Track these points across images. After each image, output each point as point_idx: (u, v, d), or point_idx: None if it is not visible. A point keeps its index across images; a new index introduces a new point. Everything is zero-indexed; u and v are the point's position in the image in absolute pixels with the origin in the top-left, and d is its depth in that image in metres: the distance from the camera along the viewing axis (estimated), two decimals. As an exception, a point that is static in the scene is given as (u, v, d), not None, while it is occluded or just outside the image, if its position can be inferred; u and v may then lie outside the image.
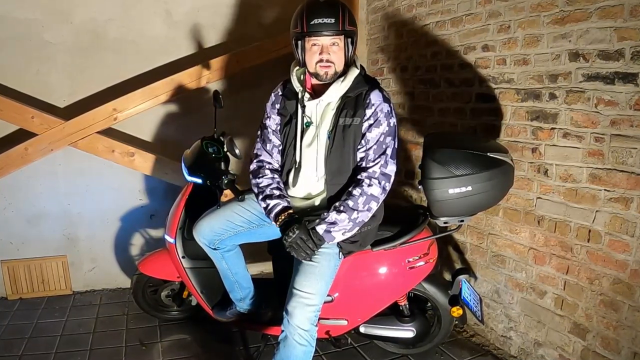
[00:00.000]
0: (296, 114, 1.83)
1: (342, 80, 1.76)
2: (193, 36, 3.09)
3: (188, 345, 2.45)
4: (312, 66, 1.74)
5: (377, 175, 1.75)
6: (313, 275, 1.74)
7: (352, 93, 1.77)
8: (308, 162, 1.83)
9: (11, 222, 2.93)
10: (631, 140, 1.68)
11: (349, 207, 1.72)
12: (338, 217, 1.72)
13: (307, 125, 1.83)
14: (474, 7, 2.34)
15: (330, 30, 1.68)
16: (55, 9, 2.80)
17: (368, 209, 1.75)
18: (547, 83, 1.98)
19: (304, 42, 1.72)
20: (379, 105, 1.76)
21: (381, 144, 1.76)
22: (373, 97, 1.77)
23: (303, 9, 1.71)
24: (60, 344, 2.44)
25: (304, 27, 1.68)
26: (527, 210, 2.14)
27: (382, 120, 1.76)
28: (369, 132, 1.76)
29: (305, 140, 1.84)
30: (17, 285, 2.97)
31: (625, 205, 1.72)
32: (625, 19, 1.65)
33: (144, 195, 3.18)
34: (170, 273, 2.41)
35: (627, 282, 1.72)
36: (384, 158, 1.76)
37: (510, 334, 2.30)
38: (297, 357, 1.69)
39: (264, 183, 1.87)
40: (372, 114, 1.75)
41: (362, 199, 1.73)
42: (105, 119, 2.84)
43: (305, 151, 1.83)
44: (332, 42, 1.71)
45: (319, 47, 1.71)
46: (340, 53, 1.73)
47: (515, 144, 2.16)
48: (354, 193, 1.74)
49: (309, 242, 1.70)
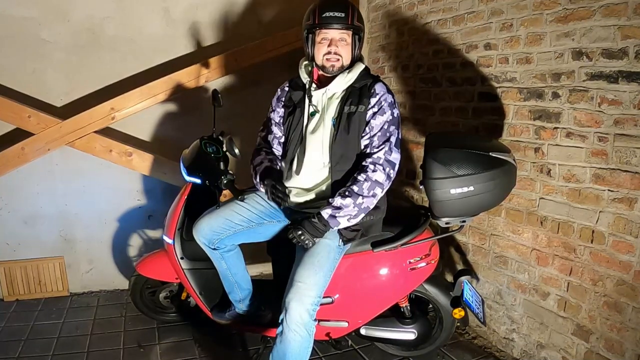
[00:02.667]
0: (301, 103, 1.92)
1: (348, 73, 1.85)
2: (191, 34, 3.09)
3: (187, 347, 2.45)
4: (319, 59, 1.84)
5: (382, 161, 1.79)
6: (312, 266, 1.76)
7: (357, 84, 1.86)
8: (313, 148, 1.89)
9: (7, 222, 2.93)
10: (635, 139, 1.68)
11: (354, 192, 1.75)
12: (343, 201, 1.75)
13: (312, 114, 1.90)
14: (476, 5, 2.35)
15: (340, 23, 1.79)
16: (52, 7, 2.80)
17: (373, 195, 1.78)
18: (550, 82, 1.99)
19: (315, 35, 1.83)
20: (383, 95, 1.84)
21: (385, 131, 1.81)
22: (377, 88, 1.85)
23: (316, 4, 1.83)
24: (57, 346, 2.44)
25: (315, 19, 1.80)
26: (529, 210, 2.15)
27: (386, 109, 1.83)
28: (373, 120, 1.82)
29: (310, 127, 1.90)
30: (13, 286, 2.97)
31: (629, 205, 1.72)
32: (629, 17, 1.65)
33: (142, 196, 3.18)
34: (169, 274, 2.40)
35: (631, 284, 1.73)
36: (388, 145, 1.81)
37: (513, 336, 2.30)
38: (294, 351, 1.68)
39: (258, 161, 1.98)
40: (377, 102, 1.83)
41: (367, 184, 1.76)
42: (103, 118, 2.84)
43: (310, 138, 1.90)
44: (340, 37, 1.82)
45: (328, 41, 1.81)
46: (347, 48, 1.83)
47: (517, 144, 2.17)
48: (359, 178, 1.77)
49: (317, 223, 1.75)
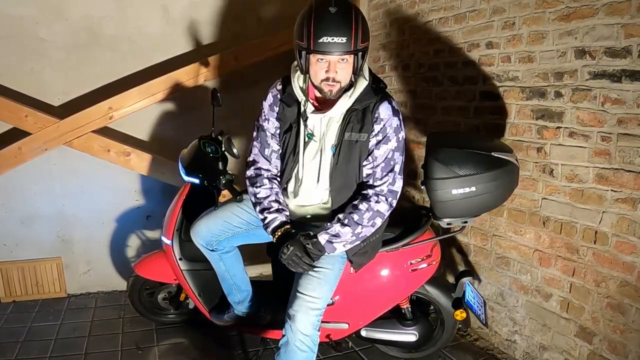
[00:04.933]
0: (296, 122, 1.75)
1: (350, 95, 1.67)
2: (190, 33, 3.09)
3: (185, 349, 2.45)
4: (316, 80, 1.63)
5: (385, 192, 1.72)
6: (318, 280, 1.73)
7: (359, 105, 1.69)
8: (312, 175, 1.78)
9: (4, 223, 2.93)
10: (639, 139, 1.68)
11: (354, 221, 1.69)
12: (342, 230, 1.69)
13: (309, 137, 1.75)
14: (478, 4, 2.34)
15: (340, 50, 1.54)
16: (50, 6, 2.79)
17: (372, 225, 1.73)
18: (553, 81, 1.98)
19: (309, 55, 1.59)
20: (388, 120, 1.69)
21: (389, 160, 1.72)
22: (382, 111, 1.69)
23: (311, 19, 1.53)
24: (55, 347, 2.44)
25: (310, 43, 1.53)
26: (532, 211, 2.14)
27: (391, 136, 1.70)
28: (377, 149, 1.70)
29: (308, 153, 1.76)
30: (10, 287, 2.96)
31: (632, 206, 1.72)
32: (633, 16, 1.65)
33: (140, 196, 3.17)
34: (167, 275, 2.40)
35: (635, 285, 1.72)
36: (392, 176, 1.72)
37: (515, 337, 2.30)
38: None
39: (261, 194, 1.80)
40: (381, 129, 1.69)
41: (368, 215, 1.70)
42: (101, 117, 2.83)
43: (308, 164, 1.77)
44: (340, 59, 1.58)
45: (326, 64, 1.58)
46: (348, 69, 1.61)
47: (520, 144, 2.16)
48: (361, 207, 1.70)
49: (304, 257, 1.67)
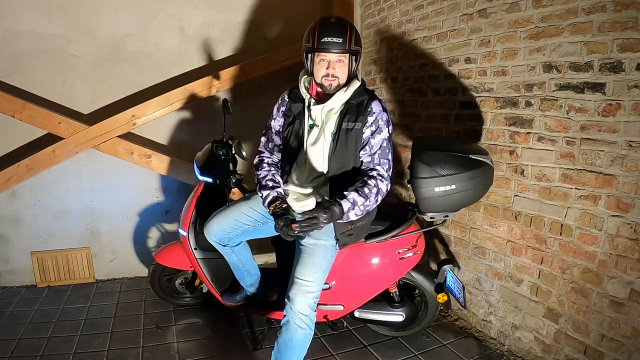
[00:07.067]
0: (301, 115, 1.84)
1: (345, 90, 1.77)
2: (204, 49, 3.08)
3: (200, 328, 2.45)
4: (318, 77, 1.75)
5: (385, 175, 1.76)
6: (312, 265, 1.74)
7: (354, 100, 1.78)
8: (314, 158, 1.83)
9: (40, 217, 2.93)
10: (599, 143, 1.68)
11: (364, 193, 1.69)
12: (357, 199, 1.69)
13: (311, 127, 1.82)
14: (458, 24, 2.34)
15: (337, 48, 1.69)
16: (80, 25, 2.79)
17: (376, 201, 1.75)
18: (524, 92, 1.98)
19: (314, 55, 1.73)
20: (379, 113, 1.77)
21: (384, 148, 1.77)
22: (374, 106, 1.77)
23: (316, 26, 1.72)
24: (84, 327, 2.44)
25: (314, 43, 1.69)
26: (505, 206, 2.14)
27: (383, 127, 1.77)
28: (372, 139, 1.76)
29: (311, 139, 1.83)
30: (45, 274, 2.96)
31: (594, 202, 1.72)
32: (594, 34, 1.65)
33: (159, 193, 3.17)
34: (184, 263, 2.40)
35: (596, 272, 1.73)
36: (388, 163, 1.78)
37: (490, 318, 2.30)
38: (298, 340, 1.68)
39: (261, 175, 1.88)
40: (374, 121, 1.76)
41: (375, 190, 1.72)
42: (125, 124, 2.84)
43: (310, 149, 1.83)
44: (338, 59, 1.72)
45: (326, 62, 1.72)
46: (344, 68, 1.74)
47: (494, 147, 2.16)
48: (370, 183, 1.71)
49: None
